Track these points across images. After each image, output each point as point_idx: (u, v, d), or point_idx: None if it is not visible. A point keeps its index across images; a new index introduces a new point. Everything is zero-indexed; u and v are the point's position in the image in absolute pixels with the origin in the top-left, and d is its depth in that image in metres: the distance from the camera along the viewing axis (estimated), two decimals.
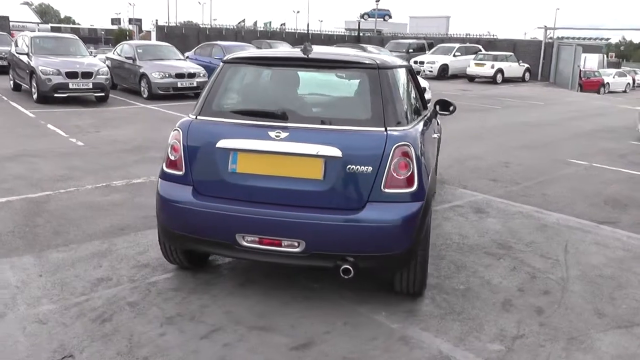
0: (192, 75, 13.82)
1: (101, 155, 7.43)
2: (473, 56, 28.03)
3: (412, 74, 4.44)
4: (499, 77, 26.19)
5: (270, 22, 43.43)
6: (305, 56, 3.48)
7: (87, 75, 11.94)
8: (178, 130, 3.40)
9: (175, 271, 3.85)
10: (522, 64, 28.04)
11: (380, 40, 36.97)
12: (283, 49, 4.37)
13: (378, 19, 48.93)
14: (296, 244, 3.11)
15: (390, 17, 57.52)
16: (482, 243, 4.62)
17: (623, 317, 3.44)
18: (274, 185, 3.17)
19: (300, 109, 3.42)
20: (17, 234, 4.48)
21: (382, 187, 3.10)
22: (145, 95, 13.53)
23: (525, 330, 3.22)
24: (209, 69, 14.55)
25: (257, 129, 3.21)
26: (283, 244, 3.13)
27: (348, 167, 3.08)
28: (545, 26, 32.23)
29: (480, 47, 30.51)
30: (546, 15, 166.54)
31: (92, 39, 54.70)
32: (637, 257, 4.43)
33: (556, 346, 3.07)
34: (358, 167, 3.08)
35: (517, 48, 31.13)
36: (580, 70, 28.49)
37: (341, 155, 3.07)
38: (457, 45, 29.74)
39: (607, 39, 45.05)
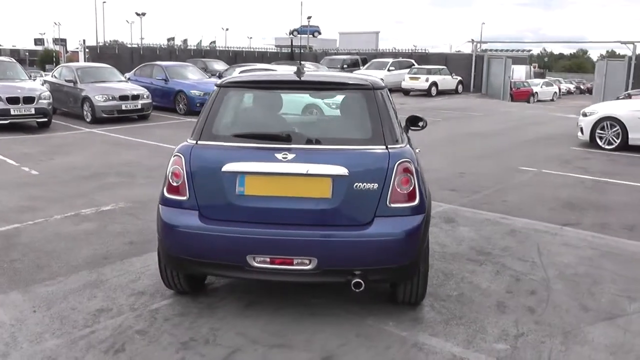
0: (136, 97, 13.55)
1: (61, 184, 7.18)
2: (407, 70, 28.94)
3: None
4: (434, 90, 27.22)
5: (201, 41, 43.16)
6: (299, 78, 3.60)
7: (29, 100, 11.47)
8: (179, 156, 3.40)
9: (175, 297, 3.82)
10: (455, 77, 29.30)
11: (313, 56, 37.52)
12: (278, 72, 4.42)
13: (308, 36, 49.61)
14: (307, 261, 3.19)
15: (319, 33, 58.23)
16: (462, 251, 4.85)
17: (605, 310, 3.74)
18: (282, 206, 3.25)
19: (303, 130, 3.52)
20: (3, 269, 4.28)
21: (387, 203, 3.24)
22: (88, 120, 13.13)
23: (524, 329, 3.45)
24: (151, 90, 14.34)
25: (263, 152, 3.28)
26: (294, 263, 3.20)
27: (355, 184, 3.21)
28: (473, 39, 33.89)
29: (413, 61, 31.54)
30: (472, 29, 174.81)
31: (16, 61, 52.17)
32: (604, 254, 4.80)
33: (555, 341, 3.31)
34: (364, 184, 3.22)
35: (449, 61, 32.48)
36: (510, 81, 30.12)
37: (348, 174, 3.19)
38: (390, 60, 30.54)
39: (529, 51, 47.81)
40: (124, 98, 13.22)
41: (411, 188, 3.30)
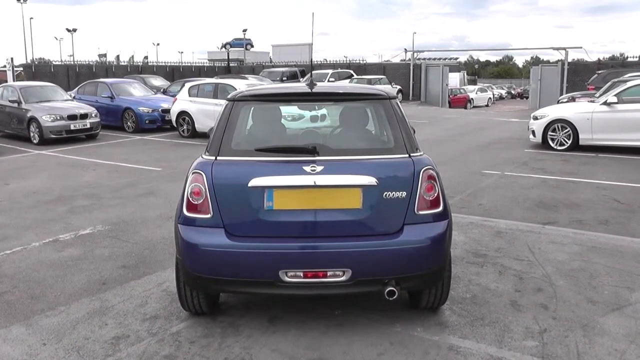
0: (84, 116, 13.01)
1: (26, 210, 6.77)
2: (346, 81, 29.36)
3: None
4: None
5: (133, 56, 42.06)
6: (312, 90, 3.61)
7: None
8: (199, 173, 3.31)
9: (192, 318, 3.69)
10: (394, 86, 30.00)
11: (251, 69, 37.42)
12: (289, 84, 4.34)
13: (240, 49, 49.44)
14: (341, 273, 3.18)
15: (252, 46, 57.99)
16: (459, 254, 4.97)
17: (610, 302, 3.94)
18: (313, 219, 3.22)
19: (326, 142, 3.51)
20: None
21: (415, 210, 3.29)
22: (35, 141, 12.48)
23: (545, 325, 3.58)
24: (96, 109, 13.80)
25: (291, 165, 3.25)
26: (328, 275, 3.18)
27: (384, 194, 3.24)
28: (405, 49, 34.96)
29: (351, 72, 32.06)
30: (397, 40, 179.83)
31: None
32: (590, 249, 5.06)
33: (577, 334, 3.45)
34: (393, 193, 3.25)
35: (387, 71, 33.31)
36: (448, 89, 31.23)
37: (376, 184, 3.22)
38: (330, 71, 30.77)
39: (457, 59, 49.76)
40: (72, 117, 12.66)
41: (435, 195, 3.36)
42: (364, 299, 3.92)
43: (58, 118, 12.48)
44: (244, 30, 45.50)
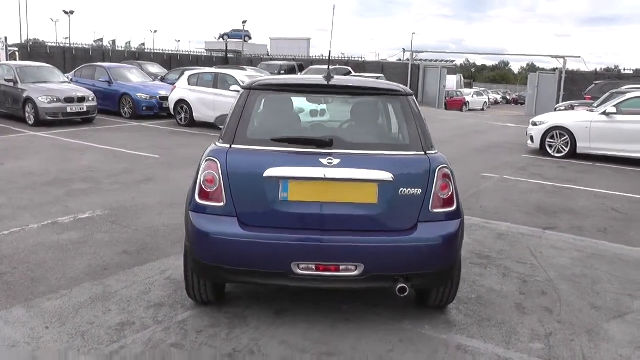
0: (81, 100, 12.86)
1: (24, 191, 6.67)
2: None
3: None
4: None
5: (129, 42, 41.62)
6: (328, 83, 3.58)
7: None
8: (213, 161, 3.27)
9: (198, 308, 3.65)
10: None
11: (248, 61, 37.24)
12: (307, 76, 4.28)
13: (238, 40, 49.17)
14: (353, 267, 3.16)
15: (250, 38, 57.65)
16: (464, 255, 4.82)
17: (613, 308, 3.96)
18: (327, 212, 3.20)
19: (343, 135, 3.49)
20: None
21: (430, 208, 3.28)
22: (31, 122, 12.31)
23: (551, 328, 3.59)
24: (94, 92, 13.65)
25: (308, 157, 3.22)
26: (340, 269, 3.16)
27: (400, 190, 3.22)
28: (404, 49, 34.93)
29: (349, 69, 31.98)
30: (396, 39, 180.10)
31: None
32: (591, 256, 5.09)
33: (582, 339, 3.47)
34: (408, 189, 3.24)
35: (385, 70, 33.28)
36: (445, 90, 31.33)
37: (392, 179, 3.20)
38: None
39: (453, 61, 49.88)
40: (69, 100, 12.50)
41: (450, 193, 3.35)
42: (371, 294, 3.91)
43: (55, 100, 12.32)
44: (244, 22, 45.24)
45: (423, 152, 3.39)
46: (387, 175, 3.19)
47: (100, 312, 3.55)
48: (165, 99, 14.22)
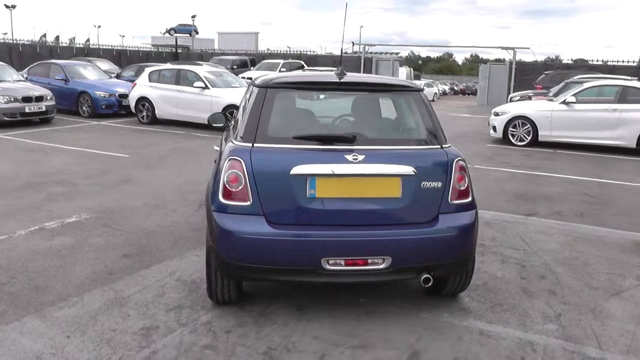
0: (39, 99, 12.34)
1: None
2: (298, 72, 29.21)
3: None
4: None
5: (74, 38, 40.07)
6: (341, 80, 3.63)
7: None
8: (238, 160, 3.26)
9: (218, 308, 3.64)
10: None
11: (199, 56, 36.63)
12: (320, 73, 4.21)
13: (185, 35, 48.20)
14: (380, 261, 3.24)
15: (197, 32, 56.74)
16: None
17: (608, 288, 4.21)
18: (354, 207, 3.26)
19: (363, 131, 3.54)
20: None
21: (449, 200, 3.39)
22: None
23: (559, 310, 3.79)
24: (50, 91, 13.11)
25: (333, 153, 3.26)
26: (368, 263, 3.23)
27: (422, 183, 3.32)
28: (353, 42, 35.28)
29: (302, 62, 31.98)
30: (338, 32, 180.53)
31: None
32: (576, 239, 5.37)
33: (589, 317, 3.68)
34: (430, 182, 3.34)
35: (337, 63, 33.46)
36: None
37: (415, 173, 3.29)
38: (281, 61, 30.51)
39: (398, 53, 50.60)
40: (27, 100, 11.97)
41: (466, 185, 3.48)
42: (384, 287, 4.00)
43: (12, 100, 11.76)
44: (193, 17, 44.41)
45: (439, 146, 3.50)
46: (409, 170, 3.28)
47: (119, 318, 3.49)
48: (125, 96, 13.84)
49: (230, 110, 12.14)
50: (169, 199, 6.46)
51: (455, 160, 3.45)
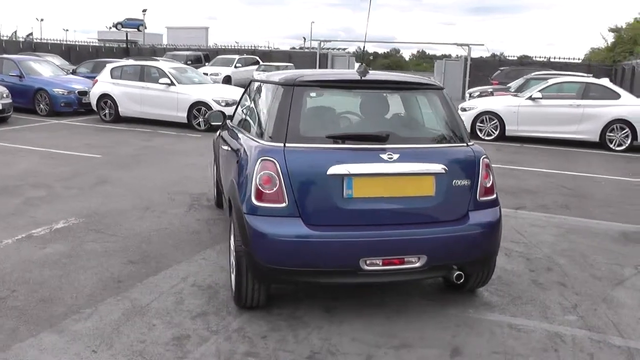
0: None
1: None
2: (253, 67, 28.94)
3: None
4: None
5: (16, 31, 38.17)
6: (360, 78, 3.60)
7: None
8: (271, 161, 3.18)
9: (245, 313, 3.54)
10: None
11: (151, 51, 35.76)
12: (345, 70, 4.07)
13: (132, 29, 46.84)
14: (416, 259, 3.25)
15: (145, 27, 55.31)
16: None
17: (611, 277, 4.39)
18: (389, 207, 3.25)
19: (394, 130, 3.52)
20: None
21: (477, 197, 3.44)
22: None
23: (574, 300, 3.91)
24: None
25: (368, 153, 3.24)
26: (405, 262, 3.23)
27: (453, 181, 3.35)
28: (304, 37, 35.24)
29: (257, 58, 31.67)
30: (287, 27, 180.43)
31: None
32: (569, 231, 5.56)
33: (602, 307, 3.83)
34: (460, 180, 3.38)
35: (293, 59, 33.33)
36: None
37: (446, 171, 3.31)
38: (236, 56, 30.12)
39: (345, 49, 50.88)
40: None
41: (491, 182, 3.54)
42: (402, 285, 4.01)
43: None
44: (144, 11, 43.07)
45: (465, 144, 3.54)
46: (441, 168, 3.30)
47: (144, 329, 3.34)
48: (84, 94, 13.29)
49: (198, 107, 11.95)
50: (156, 201, 6.25)
51: (482, 157, 3.50)
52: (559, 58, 26.25)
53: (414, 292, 3.93)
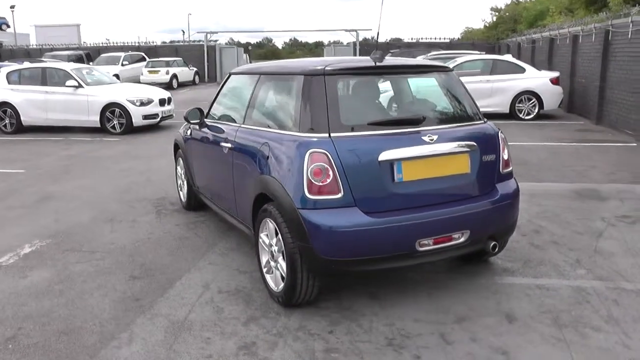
0: None
1: None
2: (140, 64, 27.66)
3: None
4: (175, 82, 26.82)
5: None
6: (380, 64, 3.64)
7: None
8: (322, 153, 3.12)
9: (295, 311, 3.46)
10: (191, 68, 29.34)
11: (26, 52, 32.82)
12: (365, 57, 3.85)
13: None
14: (459, 235, 3.39)
15: (8, 26, 50.28)
16: None
17: (589, 231, 4.88)
18: (433, 187, 3.36)
19: (425, 112, 3.58)
20: (16, 350, 3.11)
21: (501, 169, 3.66)
22: None
23: (573, 256, 4.31)
24: None
25: (412, 136, 3.31)
26: (452, 239, 3.36)
27: (483, 157, 3.52)
28: (183, 30, 34.28)
29: (143, 54, 30.26)
30: (167, 21, 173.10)
31: None
32: (532, 195, 5.99)
33: (598, 257, 4.27)
34: (488, 155, 3.57)
35: (179, 53, 32.21)
36: None
37: (477, 148, 3.48)
38: (122, 54, 28.55)
39: (216, 41, 50.41)
40: None
41: (508, 155, 3.77)
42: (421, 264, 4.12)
43: None
44: (12, 7, 38.84)
45: (483, 121, 3.73)
46: (473, 145, 3.46)
47: (202, 343, 3.14)
48: None
49: (111, 109, 11.18)
50: (117, 211, 5.83)
51: (499, 132, 3.71)
52: (438, 38, 28.00)
53: (429, 269, 4.05)
